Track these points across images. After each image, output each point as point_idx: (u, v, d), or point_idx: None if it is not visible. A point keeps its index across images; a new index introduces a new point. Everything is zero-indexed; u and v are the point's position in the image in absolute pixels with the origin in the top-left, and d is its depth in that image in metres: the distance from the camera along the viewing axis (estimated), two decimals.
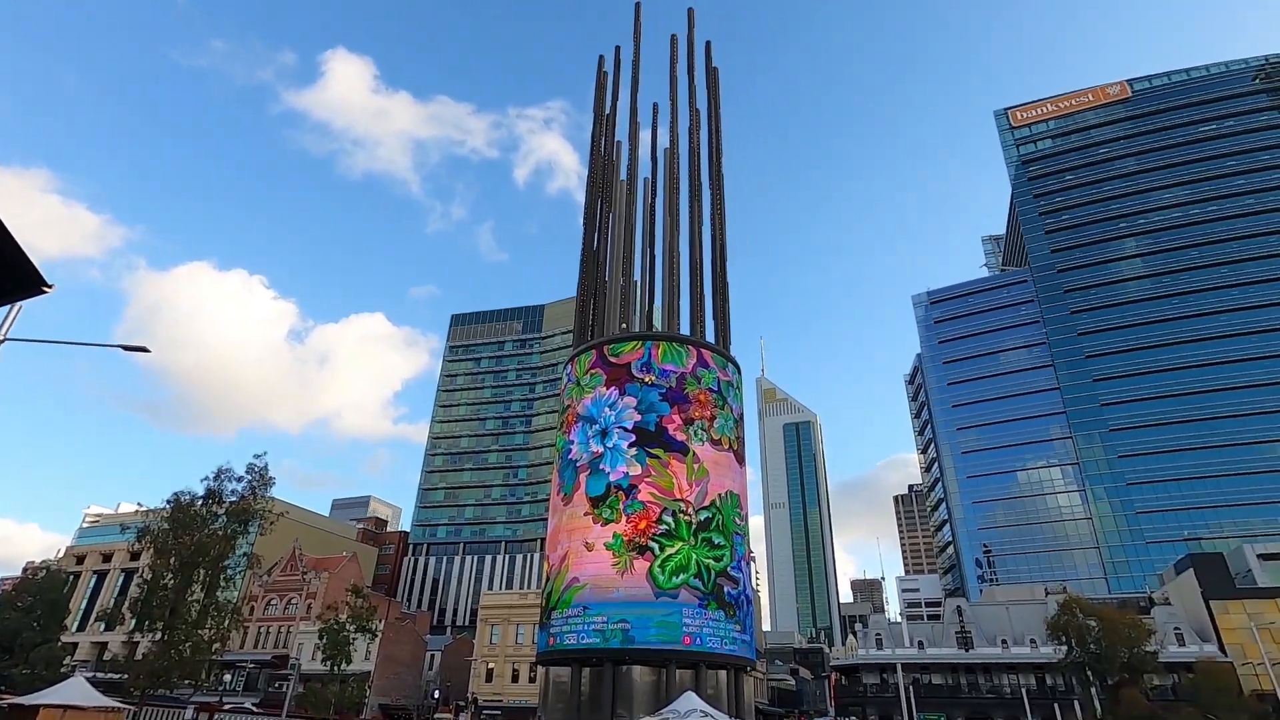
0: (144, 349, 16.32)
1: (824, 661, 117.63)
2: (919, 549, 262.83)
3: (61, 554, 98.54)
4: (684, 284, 54.45)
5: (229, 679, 72.36)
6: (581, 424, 45.42)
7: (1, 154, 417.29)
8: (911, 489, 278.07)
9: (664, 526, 40.37)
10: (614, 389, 45.04)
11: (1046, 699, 61.88)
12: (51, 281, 7.03)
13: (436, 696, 74.72)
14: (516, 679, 68.89)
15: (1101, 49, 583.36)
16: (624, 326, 55.70)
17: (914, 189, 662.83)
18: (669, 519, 40.60)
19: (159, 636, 41.13)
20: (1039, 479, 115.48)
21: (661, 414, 43.64)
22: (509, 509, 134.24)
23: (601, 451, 43.27)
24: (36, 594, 65.26)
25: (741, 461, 47.36)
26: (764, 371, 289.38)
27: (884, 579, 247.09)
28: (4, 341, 11.87)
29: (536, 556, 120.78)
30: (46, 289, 7.09)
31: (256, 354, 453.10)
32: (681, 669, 38.79)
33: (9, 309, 11.82)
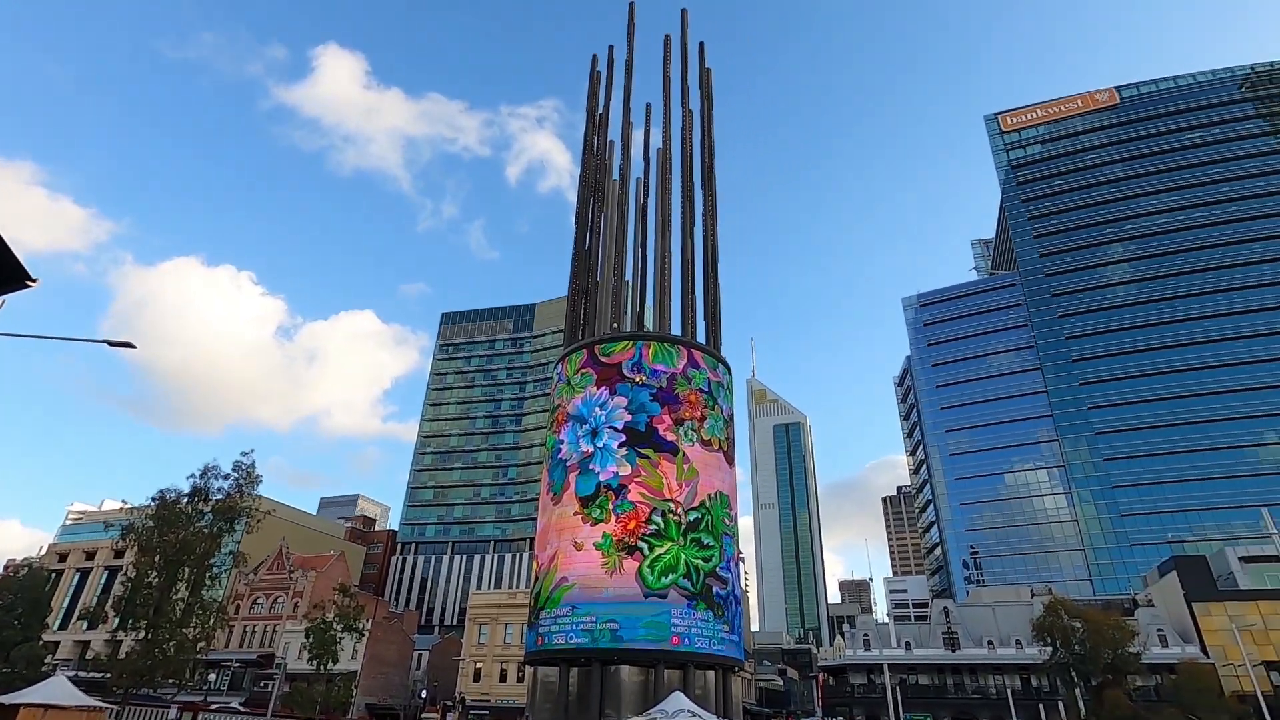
0: (130, 345, 16.17)
1: (812, 662, 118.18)
2: (907, 550, 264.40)
3: (44, 551, 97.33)
4: (675, 284, 54.59)
5: (214, 678, 71.85)
6: (572, 423, 45.38)
7: None
8: (900, 490, 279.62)
9: (653, 526, 40.39)
10: (604, 389, 45.02)
11: (1031, 699, 62.40)
12: (36, 276, 6.97)
13: (424, 696, 74.41)
14: (504, 679, 68.71)
15: (1091, 56, 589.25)
16: (615, 326, 55.68)
17: (906, 192, 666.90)
18: (658, 519, 40.62)
19: (143, 635, 40.74)
20: (1026, 481, 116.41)
21: (652, 414, 43.66)
22: (498, 508, 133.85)
23: (591, 451, 43.24)
24: (18, 592, 64.39)
25: (731, 462, 47.46)
26: (754, 372, 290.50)
27: (872, 580, 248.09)
28: None
29: (526, 556, 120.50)
30: (31, 283, 7.02)
31: (244, 351, 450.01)
32: (670, 669, 38.81)
33: None
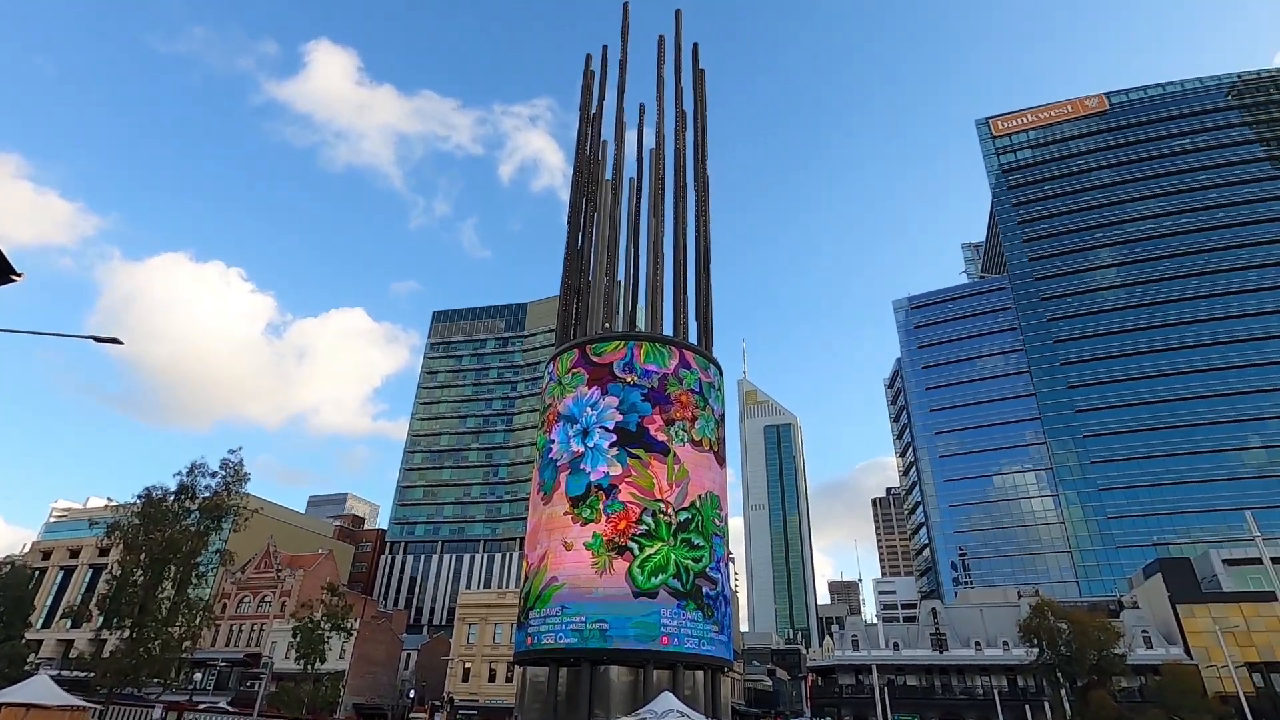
0: (117, 340, 16.02)
1: (801, 662, 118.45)
2: (896, 551, 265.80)
3: (27, 549, 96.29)
4: (667, 285, 54.56)
5: (199, 678, 71.28)
6: (563, 423, 45.32)
7: None
8: (889, 492, 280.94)
9: (644, 527, 40.40)
10: (596, 389, 44.99)
11: (1018, 700, 62.85)
12: (21, 270, 6.90)
13: (412, 696, 74.11)
14: (493, 679, 68.53)
15: (1082, 62, 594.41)
16: (607, 326, 55.66)
17: (897, 195, 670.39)
18: (649, 519, 40.63)
19: (127, 634, 40.37)
20: (1014, 483, 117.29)
21: (643, 414, 43.67)
22: (488, 507, 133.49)
23: (582, 451, 43.20)
24: (0, 590, 63.70)
25: (722, 463, 47.55)
26: (745, 373, 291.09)
27: (861, 581, 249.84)
28: None
29: (516, 555, 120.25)
30: (16, 277, 6.96)
31: (234, 347, 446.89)
32: (659, 669, 38.84)
33: None
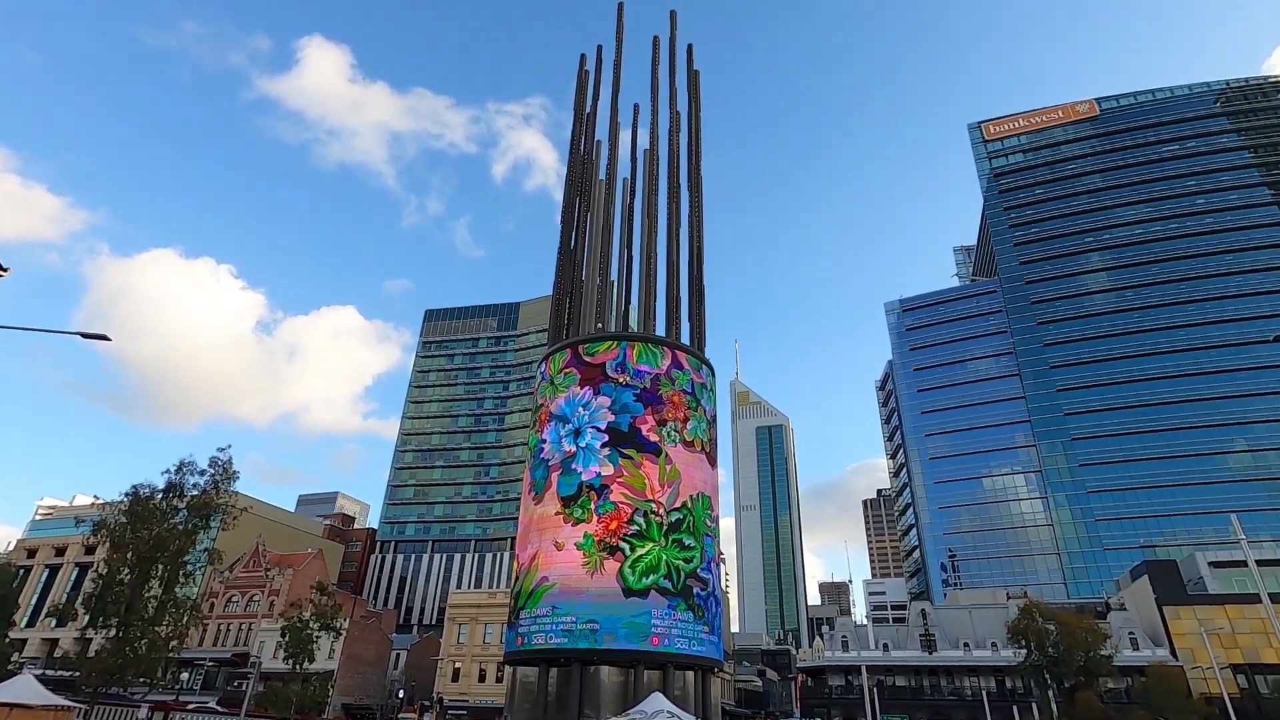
0: (104, 337, 15.92)
1: (791, 663, 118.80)
2: (886, 553, 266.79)
3: (11, 547, 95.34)
4: (660, 285, 54.56)
5: (186, 677, 70.72)
6: (554, 423, 45.24)
7: None
8: (880, 493, 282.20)
9: (635, 527, 40.37)
10: (588, 389, 44.93)
11: (1006, 701, 63.23)
12: (7, 265, 6.82)
13: (401, 696, 73.82)
14: (483, 679, 68.36)
15: (1073, 68, 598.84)
16: (599, 326, 55.59)
17: (890, 197, 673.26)
18: (640, 519, 40.61)
19: (113, 633, 40.01)
20: (1003, 485, 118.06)
21: (635, 414, 43.64)
22: (479, 507, 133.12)
23: (574, 451, 43.14)
24: None
25: (713, 463, 47.58)
26: (738, 374, 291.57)
27: (851, 582, 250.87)
28: None
29: (506, 555, 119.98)
30: (2, 272, 6.88)
31: (223, 345, 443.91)
32: (649, 669, 38.80)
33: None
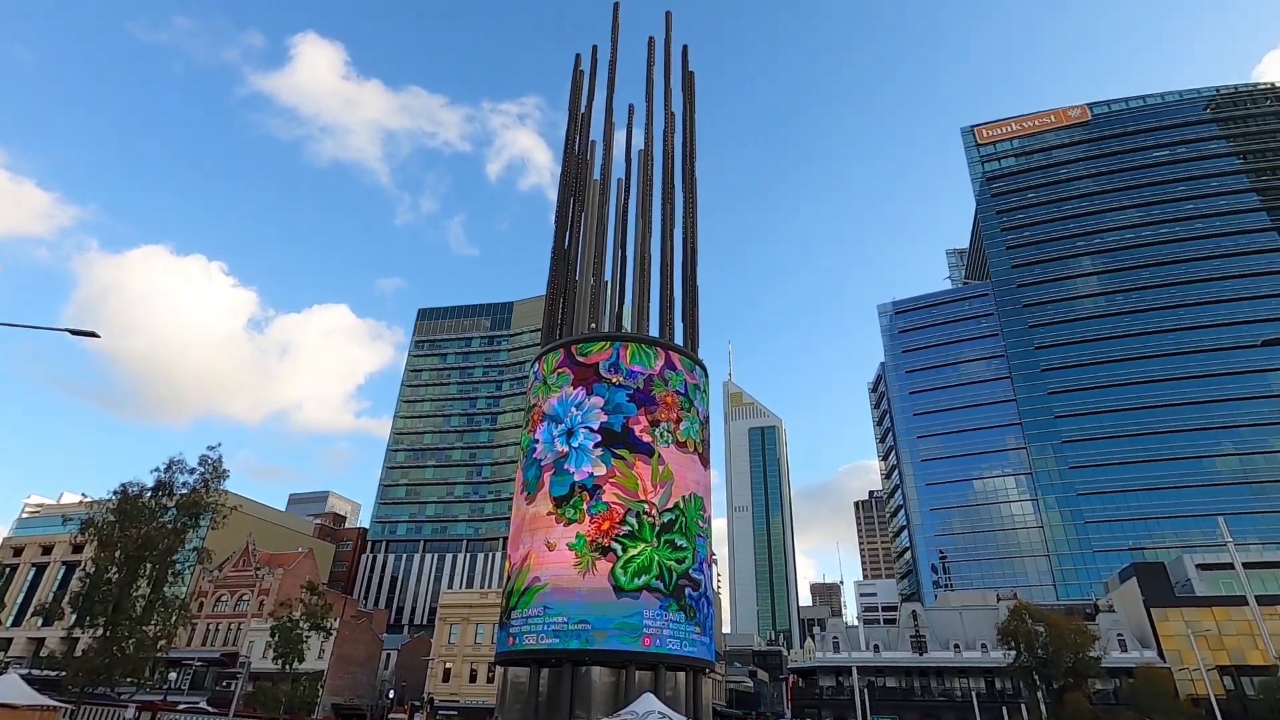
0: (93, 334, 15.82)
1: (782, 664, 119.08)
2: (877, 554, 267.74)
3: None
4: (654, 286, 54.59)
5: (174, 677, 70.15)
6: (547, 423, 45.18)
7: None
8: (872, 495, 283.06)
9: (627, 528, 40.36)
10: (581, 389, 44.90)
11: (995, 702, 63.56)
12: None
13: (392, 696, 73.51)
14: (474, 679, 68.16)
15: (1065, 73, 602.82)
16: (593, 326, 55.58)
17: (884, 200, 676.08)
18: (633, 520, 40.60)
19: (101, 632, 39.67)
20: (994, 488, 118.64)
21: (628, 415, 43.63)
22: (471, 507, 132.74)
23: (566, 451, 43.09)
24: None
25: (706, 464, 47.63)
26: (731, 375, 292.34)
27: (843, 583, 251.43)
28: None
29: (498, 555, 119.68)
30: None
31: (214, 342, 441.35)
32: (641, 670, 38.81)
33: None
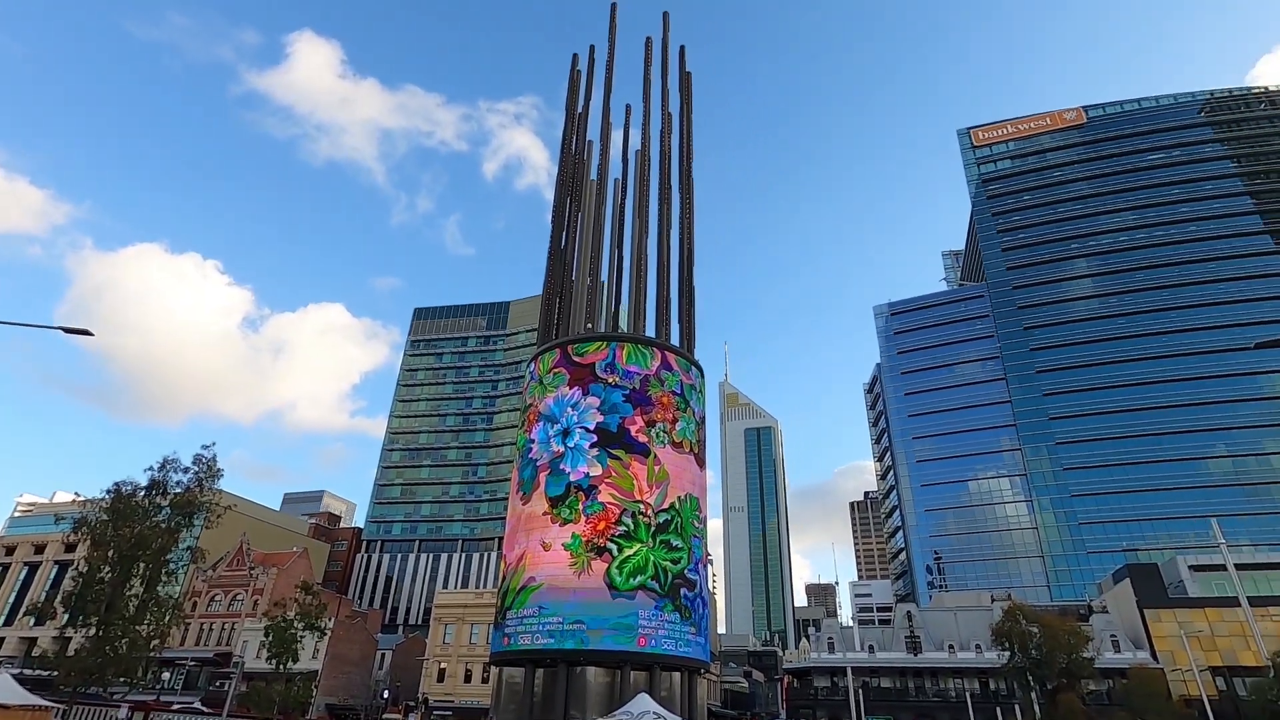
0: (87, 332, 15.74)
1: (777, 664, 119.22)
2: (873, 555, 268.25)
3: None
4: (650, 286, 54.57)
5: (168, 677, 69.91)
6: (543, 423, 45.13)
7: None
8: (867, 496, 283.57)
9: (623, 528, 40.33)
10: (577, 389, 44.86)
11: (990, 703, 63.69)
12: None
13: (386, 696, 73.36)
14: (469, 679, 68.06)
15: (1061, 76, 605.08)
16: (589, 326, 55.57)
17: (880, 201, 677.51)
18: (628, 520, 40.57)
19: (93, 632, 39.47)
20: (989, 489, 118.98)
21: (624, 415, 43.60)
22: (467, 507, 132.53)
23: (562, 451, 43.04)
24: None
25: (702, 465, 47.62)
26: (727, 376, 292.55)
27: (838, 584, 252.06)
28: None
29: (494, 555, 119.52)
30: None
31: (208, 341, 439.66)
32: (636, 670, 38.78)
33: None
